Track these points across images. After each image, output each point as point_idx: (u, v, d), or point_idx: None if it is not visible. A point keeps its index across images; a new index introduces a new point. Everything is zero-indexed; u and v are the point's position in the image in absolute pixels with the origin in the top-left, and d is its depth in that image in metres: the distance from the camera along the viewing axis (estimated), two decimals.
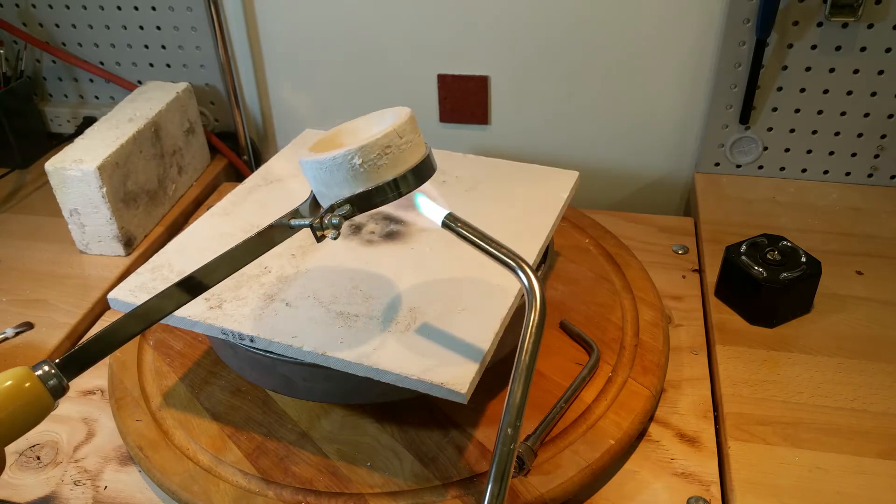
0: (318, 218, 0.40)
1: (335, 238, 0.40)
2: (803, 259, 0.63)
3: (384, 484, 0.50)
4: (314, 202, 0.44)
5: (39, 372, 0.35)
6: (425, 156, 0.42)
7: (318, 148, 0.42)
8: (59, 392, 0.36)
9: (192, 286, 0.41)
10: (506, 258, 0.41)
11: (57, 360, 0.36)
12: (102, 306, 0.71)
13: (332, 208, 0.40)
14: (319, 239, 0.41)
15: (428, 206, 0.42)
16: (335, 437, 0.54)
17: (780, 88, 0.78)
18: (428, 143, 0.43)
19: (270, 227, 0.42)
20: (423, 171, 0.41)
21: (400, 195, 0.40)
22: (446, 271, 0.52)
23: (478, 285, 0.51)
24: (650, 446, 0.54)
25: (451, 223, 0.42)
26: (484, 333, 0.47)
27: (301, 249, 0.55)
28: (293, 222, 0.42)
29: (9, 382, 0.35)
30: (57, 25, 0.93)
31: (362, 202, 0.40)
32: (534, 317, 0.39)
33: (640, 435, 0.55)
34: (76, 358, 0.37)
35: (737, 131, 0.82)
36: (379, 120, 0.43)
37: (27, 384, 0.35)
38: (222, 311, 0.49)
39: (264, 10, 0.88)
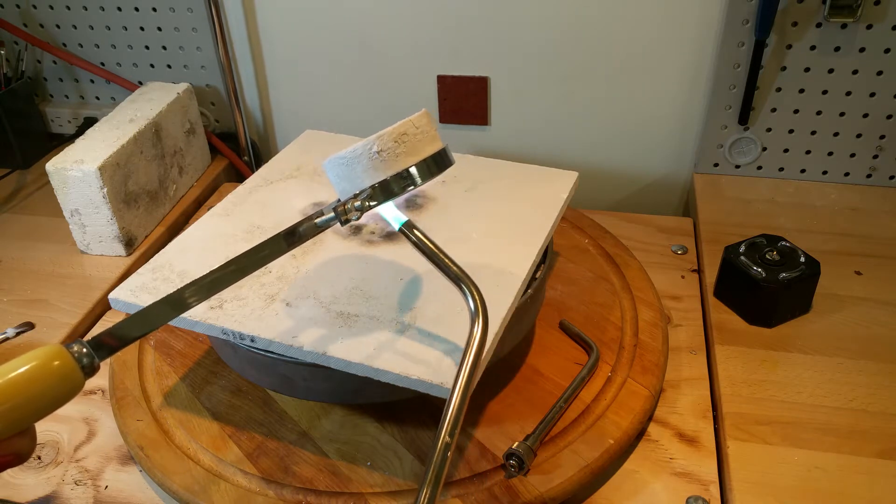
0: (341, 205, 0.42)
1: (358, 219, 0.42)
2: (802, 259, 0.63)
3: (384, 483, 0.50)
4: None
5: (72, 350, 0.36)
6: (442, 148, 0.43)
7: None
8: (90, 371, 0.36)
9: (215, 281, 0.41)
10: (455, 276, 0.42)
11: (88, 340, 0.37)
12: (103, 306, 0.71)
13: (355, 196, 0.42)
14: (344, 223, 0.42)
15: (390, 210, 0.43)
16: (335, 436, 0.54)
17: (779, 89, 0.78)
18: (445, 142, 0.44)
19: (296, 226, 0.43)
20: (440, 161, 0.43)
21: (417, 184, 0.42)
22: None
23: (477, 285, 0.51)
24: (649, 446, 0.55)
25: (408, 231, 0.43)
26: None
27: (301, 249, 0.55)
28: (318, 221, 0.43)
29: (42, 359, 0.35)
30: (58, 26, 0.93)
31: (384, 189, 0.41)
32: (476, 335, 0.40)
33: (640, 435, 0.55)
34: (109, 338, 0.38)
35: (736, 132, 0.82)
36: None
37: (57, 362, 0.35)
38: (223, 311, 0.49)
39: (265, 11, 0.88)
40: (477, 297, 0.41)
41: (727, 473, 0.51)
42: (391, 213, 0.43)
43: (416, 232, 0.43)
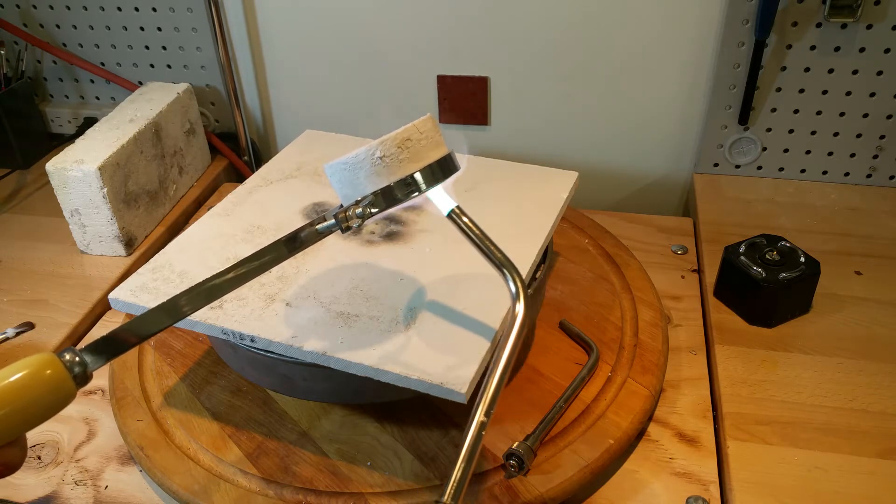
0: (342, 211, 0.42)
1: (358, 226, 0.42)
2: (802, 259, 0.63)
3: (384, 483, 0.50)
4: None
5: (64, 359, 0.35)
6: (447, 153, 0.42)
7: None
8: (82, 380, 0.36)
9: (213, 288, 0.41)
10: (499, 262, 0.42)
11: (82, 348, 0.36)
12: (103, 306, 0.71)
13: (356, 203, 0.41)
14: (345, 230, 0.42)
15: (439, 194, 0.43)
16: (335, 436, 0.54)
17: (779, 89, 0.78)
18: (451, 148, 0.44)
19: (298, 231, 0.43)
20: (444, 167, 0.42)
21: (421, 191, 0.41)
22: (446, 271, 0.52)
23: (478, 285, 0.51)
24: (649, 446, 0.55)
25: (457, 217, 0.42)
26: (484, 333, 0.47)
27: None
28: (319, 227, 0.43)
29: (33, 367, 0.34)
30: (58, 26, 0.93)
31: (386, 196, 0.41)
32: (519, 315, 0.40)
33: (640, 434, 0.55)
34: (102, 346, 0.37)
35: (736, 132, 0.82)
36: None
37: (49, 371, 0.35)
38: (223, 311, 0.49)
39: (265, 11, 0.88)
40: (518, 280, 0.41)
41: (727, 473, 0.51)
42: (441, 197, 0.43)
43: (464, 218, 0.42)
